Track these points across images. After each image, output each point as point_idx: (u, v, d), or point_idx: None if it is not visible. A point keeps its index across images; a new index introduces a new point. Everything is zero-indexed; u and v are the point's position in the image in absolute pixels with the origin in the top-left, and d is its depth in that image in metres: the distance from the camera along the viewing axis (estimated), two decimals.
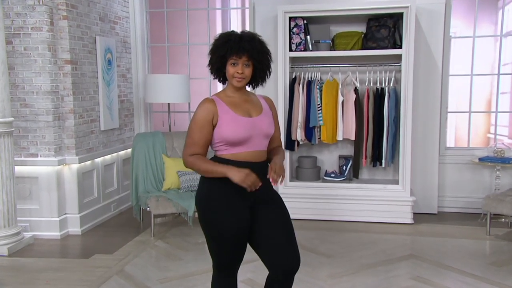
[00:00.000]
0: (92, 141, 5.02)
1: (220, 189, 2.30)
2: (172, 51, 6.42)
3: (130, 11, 5.84)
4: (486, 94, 7.48)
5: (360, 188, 5.13)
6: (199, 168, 2.30)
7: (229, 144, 2.29)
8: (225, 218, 2.30)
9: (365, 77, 5.21)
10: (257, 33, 2.36)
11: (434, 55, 5.20)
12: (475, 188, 5.39)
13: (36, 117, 4.55)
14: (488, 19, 7.24)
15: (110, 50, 5.31)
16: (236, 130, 2.27)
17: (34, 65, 4.50)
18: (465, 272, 3.74)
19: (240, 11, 8.06)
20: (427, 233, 4.74)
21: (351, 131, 5.13)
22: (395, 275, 3.72)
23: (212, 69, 2.40)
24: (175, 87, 5.27)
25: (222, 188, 2.29)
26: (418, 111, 5.23)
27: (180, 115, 6.31)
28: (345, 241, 4.51)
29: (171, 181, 4.96)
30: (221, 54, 2.29)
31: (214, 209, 2.32)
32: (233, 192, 2.28)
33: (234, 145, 2.29)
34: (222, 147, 2.31)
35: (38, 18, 4.45)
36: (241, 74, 2.28)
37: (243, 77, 2.30)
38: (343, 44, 5.09)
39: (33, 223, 4.63)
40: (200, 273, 3.78)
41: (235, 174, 2.20)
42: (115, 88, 5.40)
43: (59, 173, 4.65)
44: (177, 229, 4.91)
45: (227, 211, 2.31)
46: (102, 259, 4.10)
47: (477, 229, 4.82)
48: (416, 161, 5.26)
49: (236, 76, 2.29)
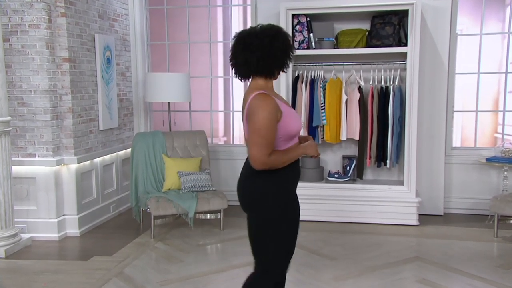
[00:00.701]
0: (91, 141, 5.02)
1: (280, 178, 2.32)
2: (172, 49, 6.42)
3: (130, 8, 5.83)
4: (493, 92, 7.46)
5: (364, 189, 5.12)
6: (283, 162, 2.30)
7: (289, 138, 2.34)
8: (297, 204, 2.40)
9: (369, 75, 5.20)
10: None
11: (440, 53, 5.18)
12: (482, 189, 5.37)
13: (33, 116, 4.55)
14: (495, 16, 7.21)
15: (109, 48, 5.30)
16: (297, 122, 2.38)
17: (31, 63, 4.50)
18: (473, 275, 3.73)
19: (241, 8, 8.05)
20: (433, 235, 4.73)
21: (355, 131, 5.12)
22: (401, 278, 3.70)
23: (276, 66, 2.33)
24: (175, 85, 5.26)
25: (283, 176, 2.33)
26: (424, 110, 5.21)
27: (181, 115, 6.30)
28: (349, 243, 4.49)
29: (171, 182, 4.96)
30: (292, 53, 2.36)
31: (285, 200, 2.34)
32: (292, 179, 2.39)
33: (292, 138, 2.36)
34: (281, 142, 2.32)
35: (35, 15, 4.45)
36: None
37: None
38: (347, 41, 5.08)
39: (31, 225, 4.62)
40: (201, 276, 3.77)
41: (310, 149, 2.38)
42: (114, 87, 5.40)
43: (57, 174, 4.64)
44: (177, 230, 4.90)
45: (295, 199, 2.41)
46: (101, 261, 4.09)
47: (484, 231, 4.80)
48: (422, 161, 5.24)
49: None
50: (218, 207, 4.76)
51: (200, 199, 4.71)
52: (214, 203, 4.73)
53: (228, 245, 4.49)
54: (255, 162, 2.23)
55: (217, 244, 4.57)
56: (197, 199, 4.69)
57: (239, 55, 2.30)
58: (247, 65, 2.29)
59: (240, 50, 2.29)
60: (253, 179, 2.32)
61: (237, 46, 2.31)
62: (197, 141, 5.32)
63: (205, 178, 4.97)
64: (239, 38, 2.31)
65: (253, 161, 2.23)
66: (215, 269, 3.90)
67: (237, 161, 5.77)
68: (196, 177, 4.92)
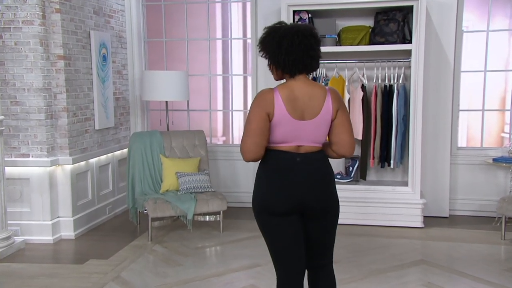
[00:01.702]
0: (87, 141, 5.01)
1: None
2: (170, 47, 6.41)
3: (126, 4, 5.82)
4: (500, 91, 7.45)
5: (367, 190, 5.11)
6: None
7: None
8: None
9: (372, 73, 5.19)
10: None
11: (446, 50, 5.18)
12: (489, 190, 5.36)
13: (27, 116, 4.54)
14: (502, 12, 7.20)
15: (105, 45, 5.29)
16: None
17: (25, 60, 4.48)
18: (480, 279, 3.72)
19: (241, 4, 8.04)
20: (439, 237, 4.72)
21: (358, 130, 5.11)
22: (406, 282, 3.70)
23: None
24: (173, 84, 5.25)
25: None
26: (429, 109, 5.21)
27: (179, 114, 6.29)
28: (352, 246, 4.49)
29: (169, 183, 4.95)
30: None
31: None
32: None
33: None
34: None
35: (29, 11, 4.43)
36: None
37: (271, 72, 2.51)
38: (350, 39, 5.08)
39: (24, 227, 4.61)
40: (201, 279, 3.76)
41: None
42: (110, 85, 5.39)
43: (51, 174, 4.63)
44: (175, 233, 4.89)
45: None
46: (97, 264, 4.08)
47: (491, 233, 4.80)
48: (426, 162, 5.24)
49: None
50: (218, 209, 4.75)
51: (199, 200, 4.70)
52: (213, 205, 4.72)
53: (227, 248, 4.49)
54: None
55: (217, 246, 4.56)
56: (196, 200, 4.68)
57: (306, 53, 2.34)
58: (315, 62, 2.40)
59: (306, 49, 2.33)
60: (334, 181, 2.50)
61: (303, 45, 2.32)
62: (196, 141, 5.31)
63: (204, 179, 4.96)
64: (304, 36, 2.33)
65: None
66: (215, 273, 3.89)
67: (236, 162, 5.77)
68: (195, 178, 4.91)
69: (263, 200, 2.38)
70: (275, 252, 2.43)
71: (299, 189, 2.35)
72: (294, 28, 2.33)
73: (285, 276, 2.43)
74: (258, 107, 2.30)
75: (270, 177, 2.37)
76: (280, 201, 2.34)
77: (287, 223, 2.37)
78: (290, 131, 2.32)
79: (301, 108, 2.33)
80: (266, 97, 2.32)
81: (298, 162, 2.35)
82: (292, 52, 2.30)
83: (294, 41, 2.29)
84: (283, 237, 2.39)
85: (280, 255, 2.42)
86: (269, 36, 2.35)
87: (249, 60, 8.00)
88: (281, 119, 2.29)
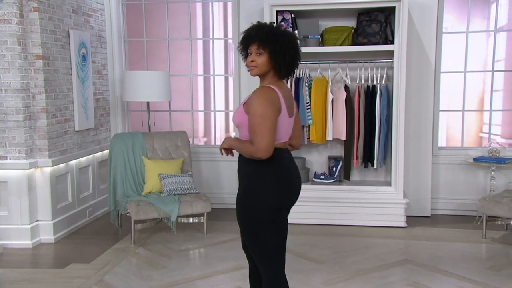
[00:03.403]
0: (66, 142, 4.93)
1: None
2: (151, 46, 6.36)
3: (105, 3, 5.75)
4: (478, 91, 7.61)
5: (351, 190, 5.16)
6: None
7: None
8: None
9: (355, 74, 5.24)
10: (279, 24, 2.57)
11: (427, 51, 5.26)
12: (469, 190, 5.47)
13: (5, 117, 4.44)
14: (480, 13, 7.36)
15: (84, 45, 5.22)
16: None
17: (2, 60, 4.39)
18: (463, 277, 3.79)
19: (222, 4, 8.03)
20: (421, 237, 4.79)
21: (342, 131, 5.16)
22: (391, 281, 3.74)
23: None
24: (154, 84, 5.21)
25: None
26: (411, 110, 5.28)
27: (161, 114, 6.25)
28: (336, 246, 4.52)
29: (152, 185, 4.91)
30: (240, 45, 2.49)
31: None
32: None
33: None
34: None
35: (6, 10, 4.34)
36: (252, 63, 2.42)
37: (254, 65, 2.42)
38: (333, 39, 5.12)
39: (2, 231, 4.51)
40: (186, 282, 3.74)
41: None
42: (90, 86, 5.32)
43: (30, 177, 4.54)
44: (158, 235, 4.85)
45: None
46: (79, 268, 4.02)
47: (472, 232, 4.89)
48: (409, 162, 5.31)
49: (247, 65, 2.46)
50: (202, 211, 4.73)
51: (183, 202, 4.67)
52: (197, 207, 4.70)
53: (212, 250, 4.47)
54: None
55: (201, 249, 4.54)
56: (180, 202, 4.66)
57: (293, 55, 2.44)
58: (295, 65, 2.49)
59: (293, 49, 2.44)
60: None
61: (290, 45, 2.42)
62: (179, 142, 5.28)
63: (187, 180, 4.94)
64: (292, 38, 2.44)
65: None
66: (200, 275, 3.88)
67: (219, 163, 5.76)
68: (178, 179, 4.88)
69: (280, 195, 2.47)
70: (277, 246, 2.49)
71: (299, 182, 2.58)
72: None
73: (281, 269, 2.54)
74: (272, 104, 2.36)
75: (280, 172, 2.47)
76: (293, 194, 2.54)
77: (287, 216, 2.58)
78: (285, 128, 2.48)
79: (291, 106, 2.52)
80: (274, 95, 2.40)
81: (290, 158, 2.55)
82: (299, 59, 2.49)
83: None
84: (285, 230, 2.56)
85: (280, 248, 2.51)
86: (288, 37, 2.42)
87: (231, 60, 8.00)
88: (283, 116, 2.43)
